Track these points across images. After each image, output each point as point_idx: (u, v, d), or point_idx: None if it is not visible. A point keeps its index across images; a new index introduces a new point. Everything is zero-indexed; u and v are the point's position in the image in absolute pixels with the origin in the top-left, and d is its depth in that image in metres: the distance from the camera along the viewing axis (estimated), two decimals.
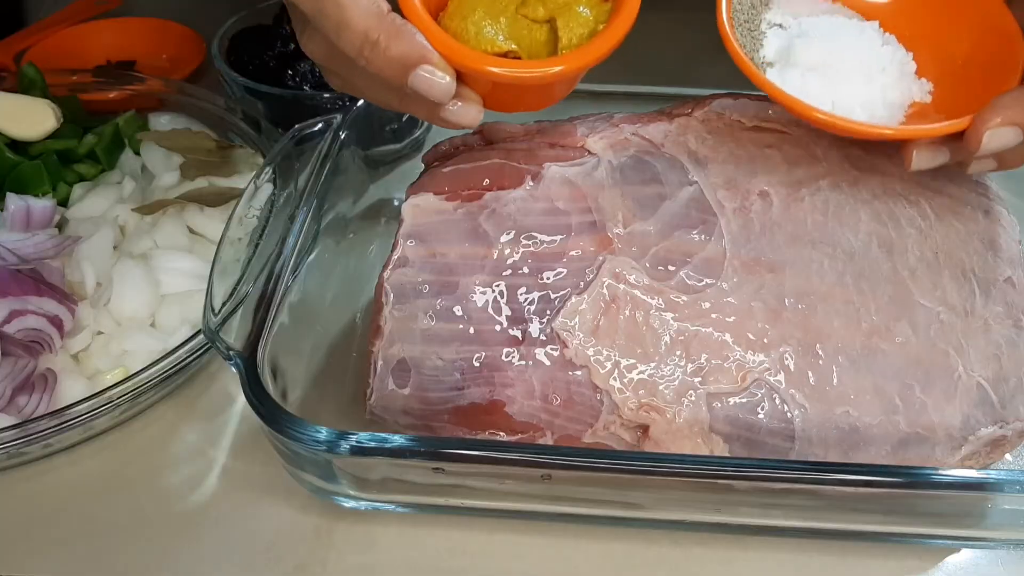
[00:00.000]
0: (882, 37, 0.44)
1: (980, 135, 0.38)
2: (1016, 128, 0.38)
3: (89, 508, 0.45)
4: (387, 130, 0.59)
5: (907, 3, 0.45)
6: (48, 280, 0.51)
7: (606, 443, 0.42)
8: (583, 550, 0.44)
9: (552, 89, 0.42)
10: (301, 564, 0.43)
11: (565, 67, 0.39)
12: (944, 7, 0.44)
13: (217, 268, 0.44)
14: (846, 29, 0.43)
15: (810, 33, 0.43)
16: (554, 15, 0.40)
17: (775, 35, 0.44)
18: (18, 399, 0.47)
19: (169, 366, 0.47)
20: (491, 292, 0.42)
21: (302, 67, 0.65)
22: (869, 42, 0.43)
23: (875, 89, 0.42)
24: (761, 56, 0.43)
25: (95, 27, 0.79)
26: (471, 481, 0.41)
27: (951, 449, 0.41)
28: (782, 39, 0.43)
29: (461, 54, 0.38)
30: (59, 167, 0.60)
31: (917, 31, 0.44)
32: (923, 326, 0.42)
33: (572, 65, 0.39)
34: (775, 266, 0.42)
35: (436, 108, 0.39)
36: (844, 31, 0.43)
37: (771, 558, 0.44)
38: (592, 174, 0.45)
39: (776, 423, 0.40)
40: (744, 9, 0.43)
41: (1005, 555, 0.44)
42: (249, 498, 0.46)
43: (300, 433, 0.38)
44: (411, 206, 0.45)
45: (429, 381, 0.42)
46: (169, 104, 0.66)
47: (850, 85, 0.42)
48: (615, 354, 0.41)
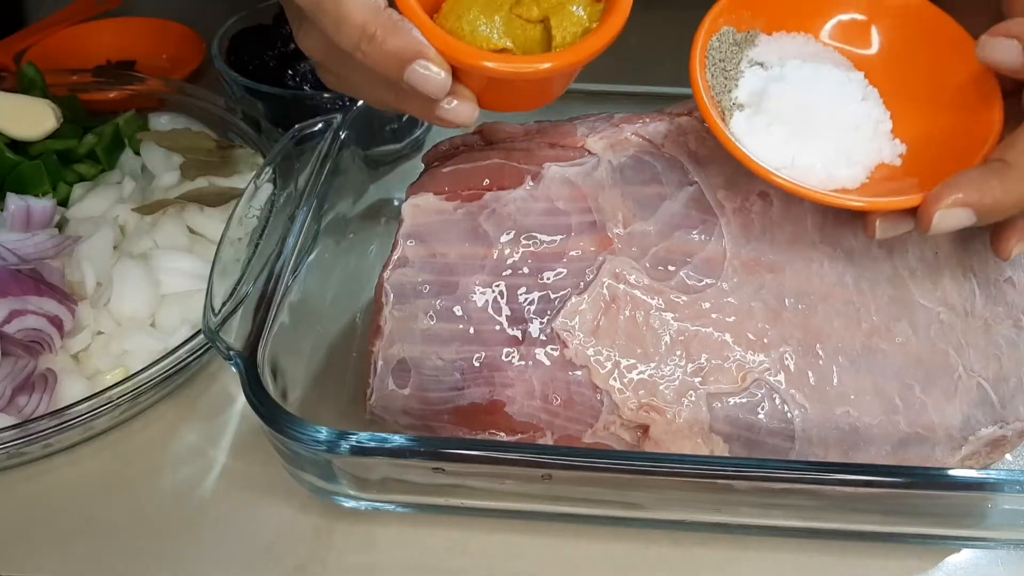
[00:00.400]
0: (864, 91, 0.42)
1: (930, 215, 0.36)
2: (968, 210, 0.36)
3: (89, 508, 0.45)
4: (387, 130, 0.59)
5: (896, 58, 0.43)
6: (48, 280, 0.51)
7: (606, 443, 0.42)
8: (583, 550, 0.44)
9: (547, 86, 0.42)
10: (301, 564, 0.43)
11: (558, 63, 0.39)
12: (933, 68, 0.42)
13: (217, 268, 0.44)
14: (828, 79, 0.42)
15: (788, 79, 0.41)
16: (548, 14, 0.41)
17: (753, 75, 0.42)
18: (18, 399, 0.47)
19: (169, 366, 0.47)
20: (491, 292, 0.42)
21: (302, 67, 0.65)
22: (848, 96, 0.42)
23: (842, 146, 0.41)
24: (733, 97, 0.41)
25: (95, 27, 0.79)
26: (471, 481, 0.41)
27: (951, 449, 0.41)
28: (759, 80, 0.42)
29: (457, 50, 0.38)
30: (59, 167, 0.60)
31: (902, 88, 0.42)
32: (923, 326, 0.42)
33: (565, 61, 0.39)
34: (775, 266, 0.42)
35: (432, 106, 0.39)
36: (825, 81, 0.42)
37: (771, 558, 0.44)
38: (592, 174, 0.45)
39: (776, 423, 0.40)
40: (724, 47, 0.42)
41: (1005, 555, 0.44)
42: (249, 498, 0.46)
43: (300, 433, 0.38)
44: (411, 206, 0.45)
45: (429, 381, 0.42)
46: (169, 104, 0.66)
47: (816, 140, 0.40)
48: (615, 354, 0.41)
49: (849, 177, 0.40)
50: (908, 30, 0.43)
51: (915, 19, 0.43)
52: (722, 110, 0.41)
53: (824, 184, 0.40)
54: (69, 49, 0.76)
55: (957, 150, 0.39)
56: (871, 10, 0.44)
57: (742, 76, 0.42)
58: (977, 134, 0.39)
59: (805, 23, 0.44)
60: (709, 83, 0.41)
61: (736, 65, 0.42)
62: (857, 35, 0.44)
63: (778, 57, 0.43)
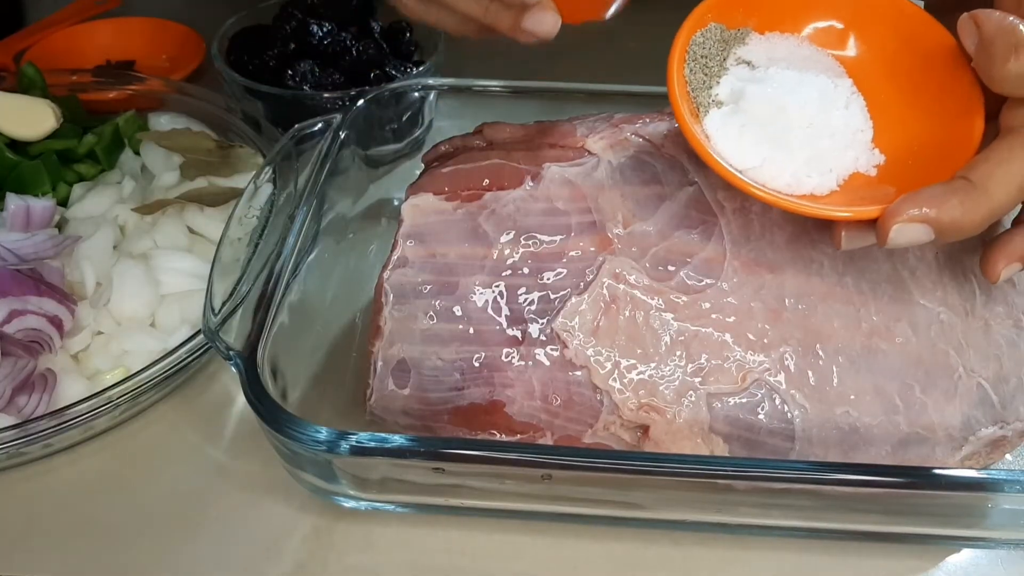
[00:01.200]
0: (848, 98, 0.42)
1: (887, 229, 0.36)
2: (926, 226, 0.35)
3: (89, 508, 0.45)
4: (387, 130, 0.59)
5: (888, 66, 0.42)
6: (48, 280, 0.51)
7: (606, 443, 0.42)
8: (583, 550, 0.44)
9: None
10: (301, 564, 0.43)
11: None
12: (923, 80, 0.41)
13: (217, 268, 0.44)
14: (812, 84, 0.41)
15: (770, 80, 0.41)
16: None
17: (737, 74, 0.42)
18: (18, 399, 0.47)
19: (169, 366, 0.47)
20: (491, 292, 0.42)
21: (302, 67, 0.65)
22: (831, 102, 0.41)
23: (815, 153, 0.40)
24: (713, 94, 0.41)
25: (95, 27, 0.79)
26: (471, 481, 0.41)
27: (951, 449, 0.41)
28: (742, 79, 0.41)
29: None
30: (59, 167, 0.60)
31: (891, 97, 0.42)
32: (923, 326, 0.42)
33: None
34: (775, 266, 0.42)
35: (517, 18, 0.41)
36: (809, 85, 0.41)
37: (771, 558, 0.44)
38: (592, 174, 0.45)
39: (776, 423, 0.40)
40: (708, 43, 0.41)
41: (1005, 555, 0.44)
42: (249, 498, 0.46)
43: (300, 433, 0.38)
44: (411, 206, 0.45)
45: (429, 381, 0.42)
46: (169, 104, 0.66)
47: (789, 144, 0.40)
48: (615, 354, 0.41)
49: (818, 185, 0.39)
50: (902, 39, 0.42)
51: (909, 27, 0.42)
52: (697, 106, 0.40)
53: (791, 189, 0.39)
54: (69, 49, 0.76)
55: (934, 164, 0.39)
56: (866, 16, 0.43)
57: (725, 74, 0.42)
58: (956, 149, 0.39)
59: (800, 25, 0.44)
60: (687, 78, 0.40)
61: (721, 62, 0.42)
62: (850, 40, 0.44)
63: (767, 57, 0.42)
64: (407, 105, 0.60)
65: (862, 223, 0.38)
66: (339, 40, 0.67)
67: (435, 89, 0.59)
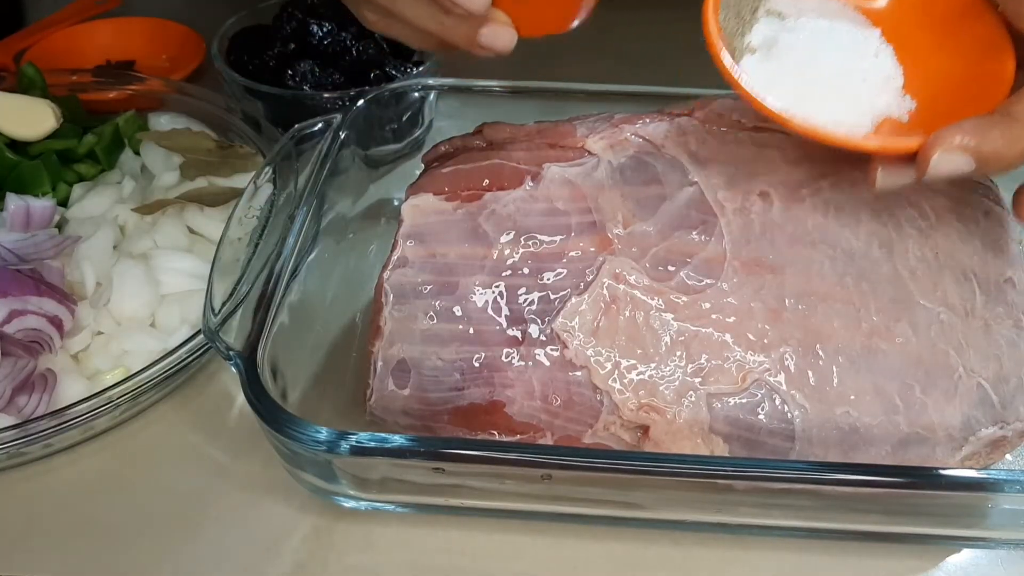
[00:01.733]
0: (877, 47, 0.42)
1: (928, 157, 0.36)
2: (967, 155, 0.36)
3: (89, 508, 0.45)
4: (387, 130, 0.59)
5: (914, 16, 0.43)
6: (48, 280, 0.51)
7: (606, 443, 0.42)
8: (583, 550, 0.44)
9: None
10: (301, 564, 0.43)
11: None
12: (950, 28, 0.42)
13: (217, 268, 0.44)
14: (842, 33, 0.42)
15: (801, 29, 0.42)
16: None
17: (768, 23, 0.42)
18: (18, 399, 0.47)
19: (169, 366, 0.47)
20: (491, 292, 0.42)
21: (302, 67, 0.65)
22: (861, 51, 0.42)
23: (849, 98, 0.41)
24: (745, 41, 0.42)
25: (95, 27, 0.79)
26: (471, 481, 0.41)
27: (951, 449, 0.41)
28: (773, 29, 0.42)
29: None
30: (59, 167, 0.60)
31: (918, 45, 0.42)
32: (923, 326, 0.42)
33: None
34: (775, 267, 0.42)
35: (473, 33, 0.41)
36: (839, 35, 0.42)
37: (771, 558, 0.44)
38: (592, 174, 0.45)
39: (776, 423, 0.40)
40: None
41: (1005, 555, 0.44)
42: (249, 498, 0.46)
43: (300, 433, 0.38)
44: (411, 206, 0.45)
45: (429, 382, 0.42)
46: (169, 104, 0.66)
47: (821, 91, 0.40)
48: (615, 355, 0.41)
49: (854, 126, 0.40)
50: None
51: None
52: (732, 51, 0.41)
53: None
54: (69, 49, 0.76)
55: (965, 109, 0.39)
56: None
57: (757, 23, 0.42)
58: (986, 94, 0.39)
59: None
60: (721, 25, 0.41)
61: (752, 12, 0.42)
62: None
63: (796, 9, 0.43)
64: (407, 105, 0.60)
65: (899, 159, 0.38)
66: (339, 40, 0.67)
67: (435, 89, 0.59)
